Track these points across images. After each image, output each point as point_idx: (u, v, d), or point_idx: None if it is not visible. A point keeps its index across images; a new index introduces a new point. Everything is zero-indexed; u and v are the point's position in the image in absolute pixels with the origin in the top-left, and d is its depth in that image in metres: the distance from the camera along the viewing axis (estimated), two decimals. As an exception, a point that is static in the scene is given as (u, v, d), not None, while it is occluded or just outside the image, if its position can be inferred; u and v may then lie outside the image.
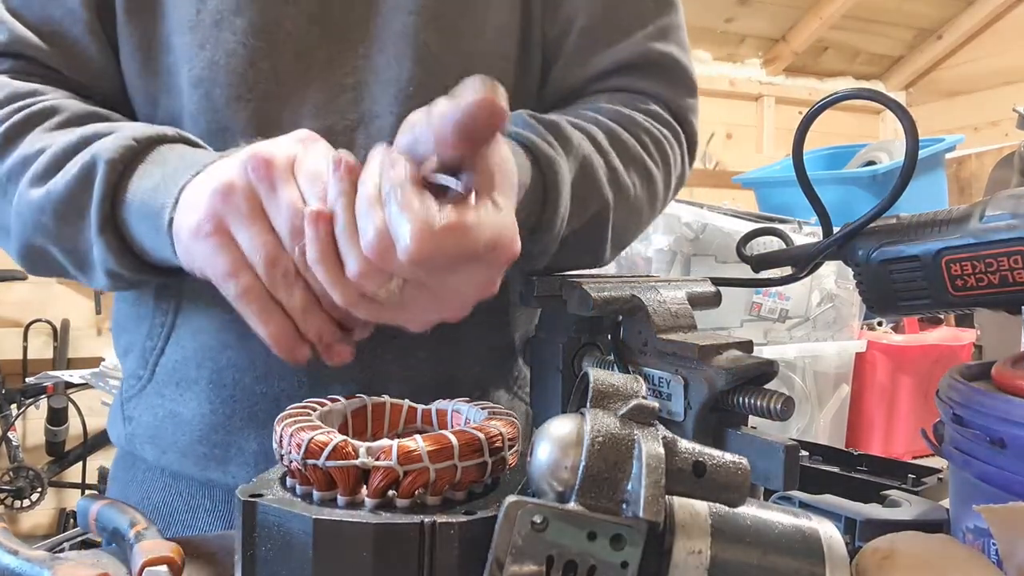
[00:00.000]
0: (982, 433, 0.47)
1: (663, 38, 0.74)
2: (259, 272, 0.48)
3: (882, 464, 0.72)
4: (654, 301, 0.57)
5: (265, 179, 0.48)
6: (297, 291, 0.49)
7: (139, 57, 0.66)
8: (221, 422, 0.67)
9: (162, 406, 0.69)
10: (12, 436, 2.74)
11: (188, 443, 0.68)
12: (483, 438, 0.43)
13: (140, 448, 0.71)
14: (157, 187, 0.54)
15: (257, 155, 0.48)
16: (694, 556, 0.38)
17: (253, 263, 0.48)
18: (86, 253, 0.59)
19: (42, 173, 0.58)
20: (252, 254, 0.48)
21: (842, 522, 0.54)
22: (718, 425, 0.52)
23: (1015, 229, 0.50)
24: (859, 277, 0.58)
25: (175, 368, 0.69)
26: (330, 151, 0.50)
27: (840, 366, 1.83)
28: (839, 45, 3.72)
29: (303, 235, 0.47)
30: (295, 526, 0.39)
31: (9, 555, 0.46)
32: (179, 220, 0.51)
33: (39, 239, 0.60)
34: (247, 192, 0.48)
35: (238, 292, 0.49)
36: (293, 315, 0.50)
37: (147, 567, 0.45)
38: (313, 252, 0.47)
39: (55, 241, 0.60)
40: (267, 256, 0.48)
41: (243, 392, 0.66)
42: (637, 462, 0.36)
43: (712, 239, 1.52)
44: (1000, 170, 2.47)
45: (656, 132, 0.72)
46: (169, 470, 0.71)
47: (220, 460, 0.67)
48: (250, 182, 0.48)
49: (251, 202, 0.48)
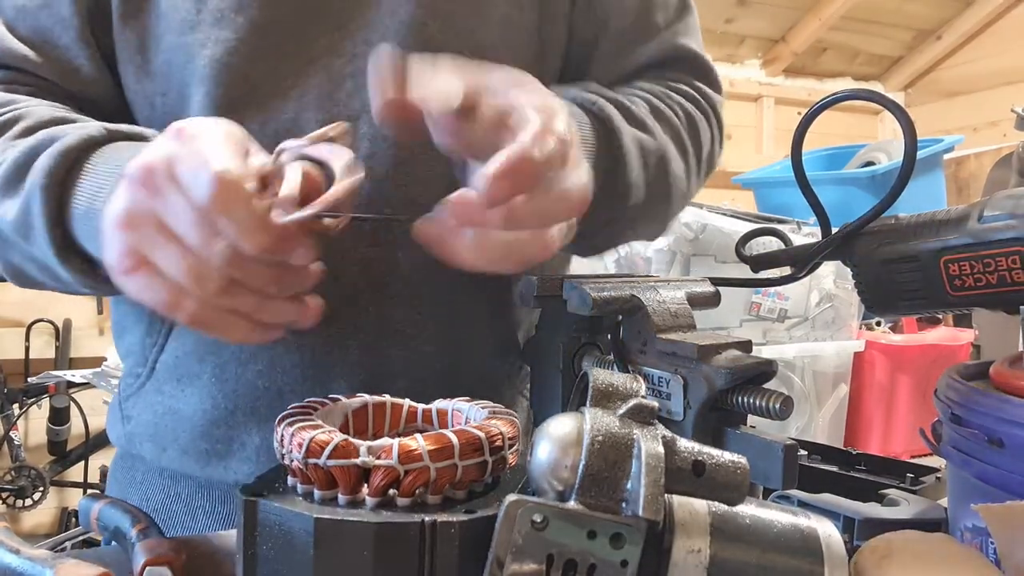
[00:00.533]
0: (980, 432, 0.47)
1: (687, 35, 0.77)
2: (194, 294, 0.46)
3: (880, 463, 0.72)
4: (654, 301, 0.57)
5: (155, 193, 0.45)
6: (240, 296, 0.47)
7: (137, 60, 0.66)
8: (223, 417, 0.67)
9: (161, 403, 0.69)
10: (14, 435, 2.74)
11: (189, 439, 0.68)
12: (484, 437, 0.43)
13: (139, 447, 0.71)
14: (90, 205, 0.53)
15: (139, 168, 0.46)
16: (693, 555, 0.38)
17: (185, 286, 0.46)
18: (57, 272, 0.57)
19: (1, 191, 0.57)
20: (180, 279, 0.46)
21: (841, 521, 0.55)
22: (717, 424, 0.52)
23: (1013, 229, 0.50)
24: (858, 277, 0.58)
25: (176, 364, 0.68)
26: (215, 137, 0.47)
27: (839, 366, 1.83)
28: (838, 46, 3.72)
29: (212, 238, 0.44)
30: (296, 525, 0.39)
31: (11, 554, 0.46)
32: (104, 256, 0.49)
33: (13, 257, 0.60)
34: (145, 214, 0.45)
35: (186, 320, 0.47)
36: (247, 311, 0.48)
37: (148, 566, 0.45)
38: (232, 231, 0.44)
39: (26, 259, 0.59)
40: (195, 277, 0.45)
41: (245, 386, 0.66)
42: (637, 461, 0.36)
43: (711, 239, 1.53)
44: (999, 170, 2.47)
45: (689, 108, 0.74)
46: (168, 470, 0.71)
47: (221, 455, 0.67)
48: (143, 202, 0.46)
49: (151, 222, 0.45)
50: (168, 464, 0.70)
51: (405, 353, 0.67)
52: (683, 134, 0.72)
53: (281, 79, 0.65)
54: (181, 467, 0.69)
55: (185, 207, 0.45)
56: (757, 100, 3.72)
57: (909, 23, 3.66)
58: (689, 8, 0.78)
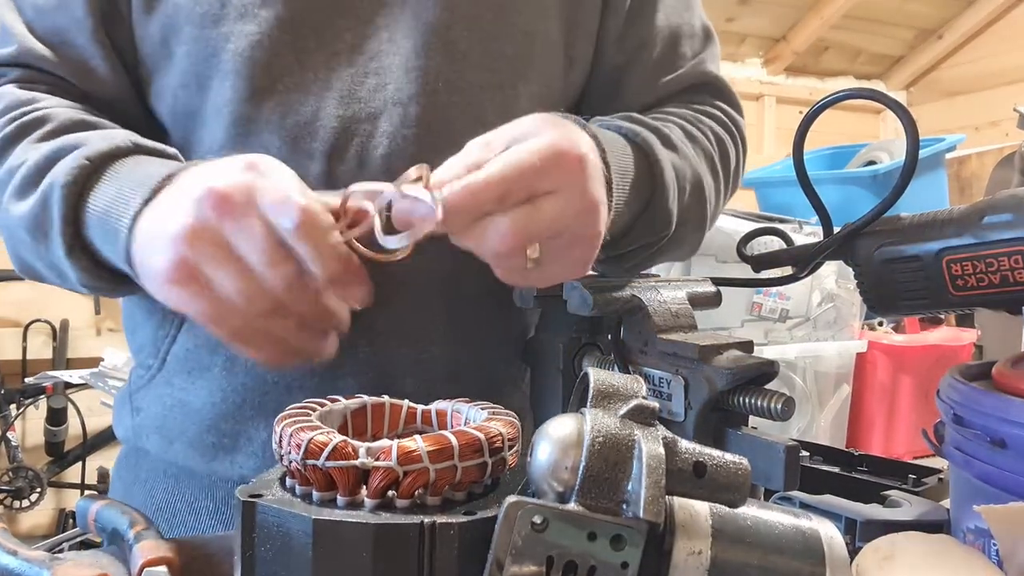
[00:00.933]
0: (982, 433, 0.47)
1: (712, 63, 0.81)
2: (241, 312, 0.49)
3: (882, 464, 0.72)
4: (654, 301, 0.57)
5: (228, 216, 0.48)
6: (280, 319, 0.50)
7: (160, 52, 0.67)
8: (231, 411, 0.67)
9: (171, 395, 0.70)
10: (11, 436, 2.74)
11: (196, 432, 0.68)
12: (483, 438, 0.43)
13: (146, 440, 0.72)
14: (108, 210, 0.55)
15: (212, 192, 0.48)
16: (694, 557, 0.38)
17: (234, 304, 0.49)
18: (63, 270, 0.60)
19: (20, 189, 0.59)
20: (232, 297, 0.48)
21: (842, 522, 0.54)
22: (718, 425, 0.52)
23: (1016, 229, 0.50)
24: (860, 277, 0.58)
25: (187, 356, 0.69)
26: (287, 175, 0.50)
27: (841, 366, 1.83)
28: (840, 45, 3.71)
29: (280, 264, 0.48)
30: (295, 526, 0.39)
31: (8, 555, 0.46)
32: (141, 260, 0.52)
33: (23, 252, 0.62)
34: (211, 233, 0.48)
35: (226, 335, 0.50)
36: (283, 336, 0.51)
37: (146, 567, 0.44)
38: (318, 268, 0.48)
39: (36, 256, 0.61)
40: (248, 297, 0.48)
41: (255, 380, 0.67)
42: (637, 462, 0.36)
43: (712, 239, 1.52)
44: (1001, 170, 2.47)
45: (715, 126, 0.77)
46: (174, 466, 0.71)
47: (228, 450, 0.68)
48: (210, 221, 0.48)
49: (217, 243, 0.48)
50: (174, 458, 0.70)
51: (413, 353, 0.67)
52: (715, 157, 0.74)
53: (303, 74, 0.65)
54: (187, 461, 0.70)
55: (261, 232, 0.48)
56: (758, 99, 3.72)
57: (911, 22, 3.66)
58: (712, 37, 0.82)
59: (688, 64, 0.78)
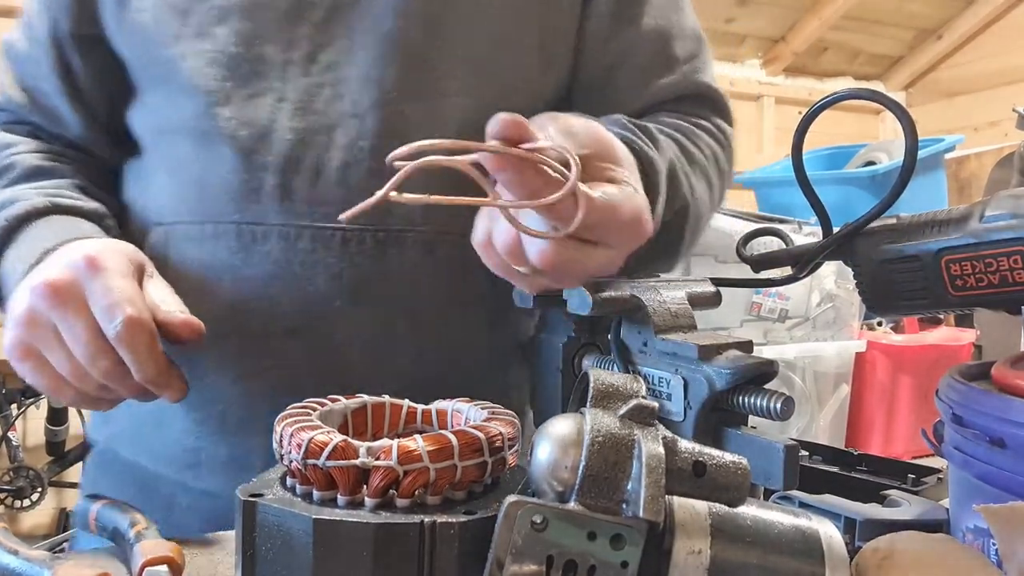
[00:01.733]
0: (982, 433, 0.47)
1: (704, 71, 0.79)
2: (75, 388, 0.56)
3: (882, 464, 0.72)
4: (654, 301, 0.57)
5: (55, 309, 0.54)
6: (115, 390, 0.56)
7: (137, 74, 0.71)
8: (192, 427, 0.68)
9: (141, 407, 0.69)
10: (12, 436, 2.73)
11: (162, 446, 0.69)
12: (483, 438, 0.43)
13: (118, 445, 0.74)
14: (10, 271, 0.62)
15: (45, 284, 0.54)
16: (694, 556, 0.38)
17: (68, 381, 0.56)
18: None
19: None
20: (65, 375, 0.56)
21: (842, 522, 0.54)
22: (718, 425, 0.52)
23: (1015, 229, 0.50)
24: (859, 277, 0.58)
25: None
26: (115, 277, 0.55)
27: (840, 366, 1.83)
28: (839, 45, 3.71)
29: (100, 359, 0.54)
30: (295, 526, 0.39)
31: (9, 555, 0.46)
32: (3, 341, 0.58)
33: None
34: (44, 320, 0.55)
35: (67, 402, 0.58)
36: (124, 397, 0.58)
37: (147, 567, 0.45)
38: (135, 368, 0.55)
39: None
40: (77, 376, 0.55)
41: (221, 395, 0.67)
42: (637, 462, 0.36)
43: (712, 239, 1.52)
44: (1000, 170, 2.47)
45: (711, 142, 0.76)
46: (145, 470, 0.72)
47: (192, 465, 0.68)
48: (42, 311, 0.54)
49: (50, 329, 0.55)
50: (146, 464, 0.72)
51: (407, 357, 0.67)
52: (710, 172, 0.73)
53: (258, 84, 0.66)
54: (157, 468, 0.71)
55: (82, 328, 0.54)
56: (757, 100, 3.72)
57: (910, 22, 3.66)
58: (704, 42, 0.80)
59: (682, 69, 0.77)
